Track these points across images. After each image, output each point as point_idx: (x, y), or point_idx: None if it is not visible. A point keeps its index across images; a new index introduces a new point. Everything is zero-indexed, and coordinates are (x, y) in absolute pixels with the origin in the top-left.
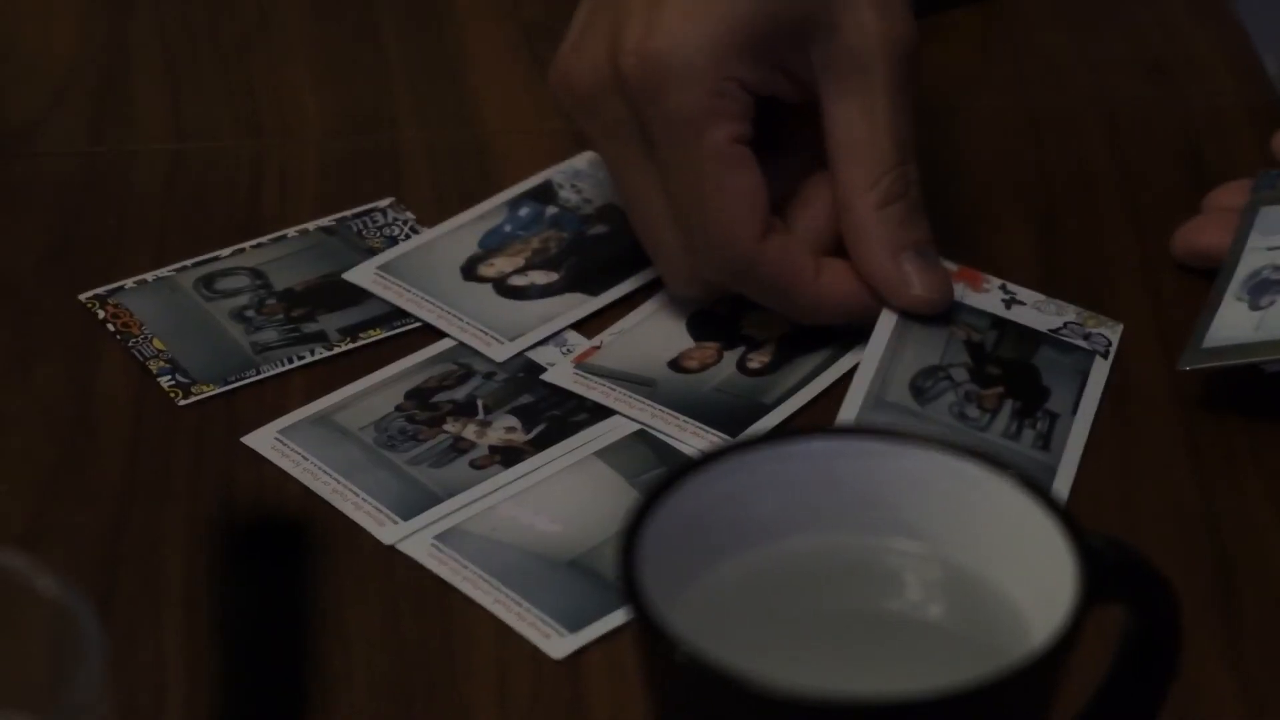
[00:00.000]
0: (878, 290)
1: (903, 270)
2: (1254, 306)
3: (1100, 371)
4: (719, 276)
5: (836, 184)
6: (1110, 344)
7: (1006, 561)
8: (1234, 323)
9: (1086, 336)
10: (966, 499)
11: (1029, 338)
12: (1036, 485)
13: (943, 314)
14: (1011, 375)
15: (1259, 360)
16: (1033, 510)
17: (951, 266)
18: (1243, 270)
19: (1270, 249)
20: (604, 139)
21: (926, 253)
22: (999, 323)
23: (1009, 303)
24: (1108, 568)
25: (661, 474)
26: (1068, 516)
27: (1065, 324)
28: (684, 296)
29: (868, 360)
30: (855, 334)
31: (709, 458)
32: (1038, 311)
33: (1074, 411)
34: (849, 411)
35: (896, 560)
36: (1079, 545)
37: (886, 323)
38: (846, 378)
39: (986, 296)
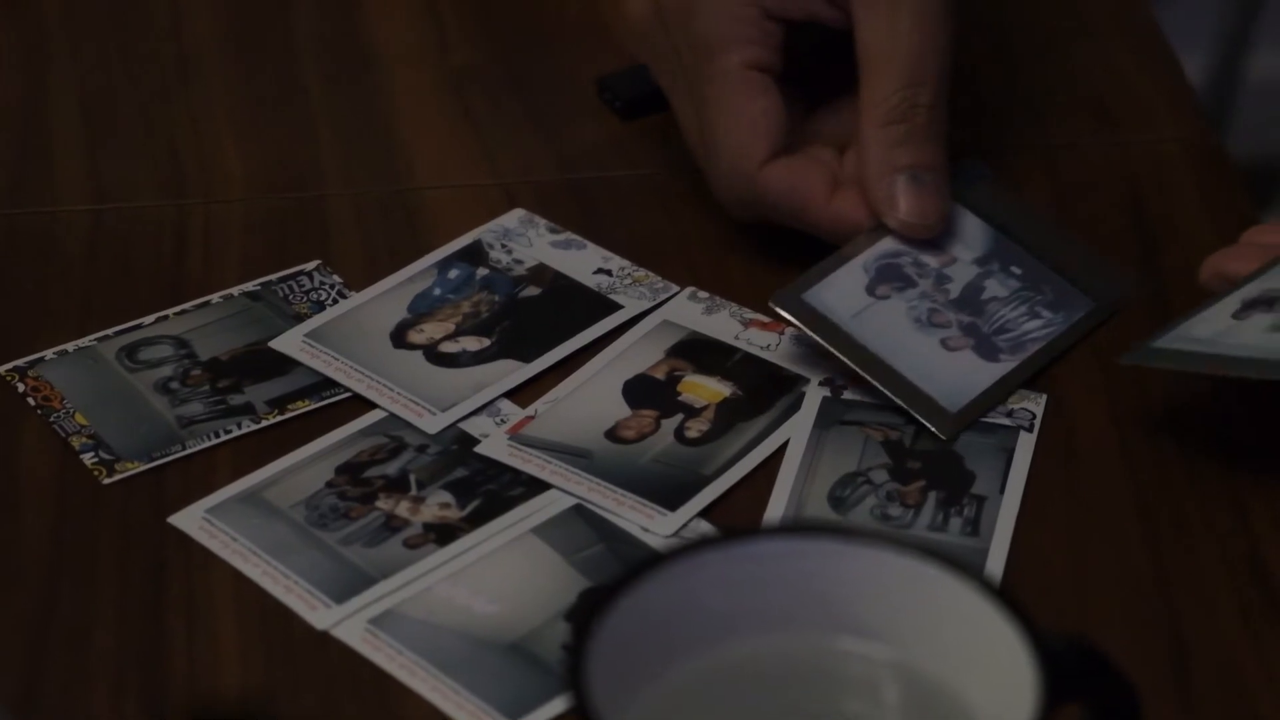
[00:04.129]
0: (871, 208)
1: (890, 191)
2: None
3: (1026, 446)
4: (734, 199)
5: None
6: (1034, 417)
7: (964, 664)
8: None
9: (1010, 414)
10: (924, 600)
11: None
12: (994, 586)
13: (856, 418)
14: (932, 466)
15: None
16: (990, 613)
17: None
18: (1254, 288)
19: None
20: (656, 69)
21: (921, 178)
22: None
23: None
24: (1067, 672)
25: (614, 575)
26: (1026, 620)
27: None
28: (735, 218)
29: (783, 478)
30: (795, 400)
31: (663, 558)
32: None
33: (1001, 491)
34: None
35: (853, 662)
36: (1038, 650)
37: (800, 434)
38: (785, 447)
39: None
